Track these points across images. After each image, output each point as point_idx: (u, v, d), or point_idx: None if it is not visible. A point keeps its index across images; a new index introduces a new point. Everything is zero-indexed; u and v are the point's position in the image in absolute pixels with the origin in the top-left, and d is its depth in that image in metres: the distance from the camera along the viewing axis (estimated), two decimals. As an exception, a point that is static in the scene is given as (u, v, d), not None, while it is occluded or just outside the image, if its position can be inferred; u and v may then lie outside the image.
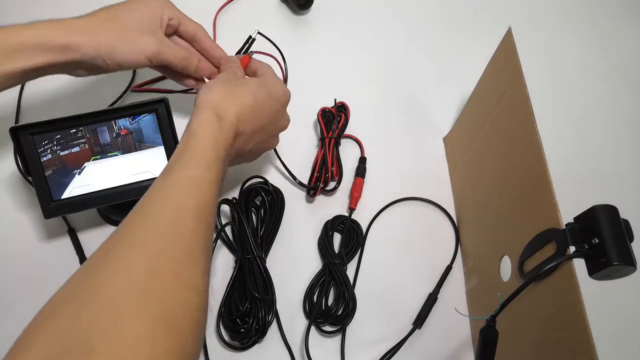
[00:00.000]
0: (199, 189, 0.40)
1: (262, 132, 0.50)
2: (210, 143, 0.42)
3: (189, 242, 0.37)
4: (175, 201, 0.38)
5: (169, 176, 0.40)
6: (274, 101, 0.50)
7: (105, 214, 0.58)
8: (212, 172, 0.42)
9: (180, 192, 0.39)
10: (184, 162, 0.41)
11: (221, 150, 0.43)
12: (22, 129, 0.50)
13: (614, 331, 0.56)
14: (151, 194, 0.39)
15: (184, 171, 0.41)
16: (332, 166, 0.62)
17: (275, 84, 0.51)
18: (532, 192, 0.45)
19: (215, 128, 0.43)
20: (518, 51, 0.48)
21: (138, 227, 0.37)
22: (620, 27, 0.80)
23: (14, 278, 0.55)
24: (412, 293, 0.58)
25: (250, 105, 0.47)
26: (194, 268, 0.37)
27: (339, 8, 0.77)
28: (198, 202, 0.39)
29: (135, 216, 0.38)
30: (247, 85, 0.48)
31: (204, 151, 0.42)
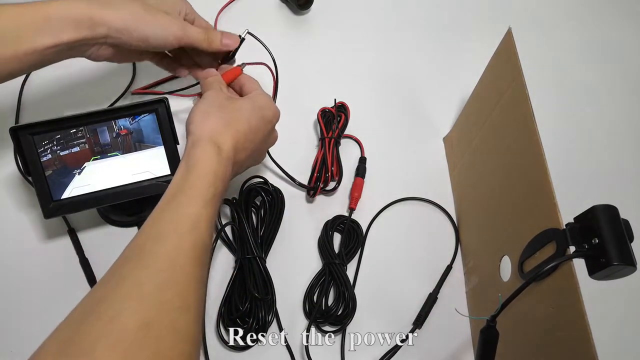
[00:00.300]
0: (197, 229, 0.39)
1: (255, 153, 0.50)
2: (210, 179, 0.42)
3: (185, 289, 0.36)
4: (172, 243, 0.37)
5: (167, 213, 0.39)
6: (266, 123, 0.50)
7: (105, 214, 0.58)
8: (210, 209, 0.41)
9: (178, 232, 0.38)
10: (182, 198, 0.40)
11: (219, 185, 0.42)
12: (22, 129, 0.50)
13: (614, 331, 0.56)
14: (149, 231, 0.38)
15: (182, 208, 0.39)
16: (332, 166, 0.62)
17: (266, 105, 0.50)
18: (532, 192, 0.45)
19: (214, 162, 0.43)
20: (518, 51, 0.49)
21: (133, 270, 0.36)
22: (620, 27, 0.80)
23: (14, 278, 0.55)
24: (412, 293, 0.58)
25: (245, 133, 0.46)
26: (189, 316, 0.36)
27: (339, 8, 0.76)
28: (195, 243, 0.38)
29: (131, 256, 0.37)
30: (241, 110, 0.48)
31: (203, 188, 0.41)
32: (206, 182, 0.41)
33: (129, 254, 0.37)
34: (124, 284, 0.35)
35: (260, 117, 0.48)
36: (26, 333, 0.53)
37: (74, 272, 0.56)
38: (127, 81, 0.67)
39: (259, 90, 0.52)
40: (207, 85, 0.52)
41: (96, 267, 0.56)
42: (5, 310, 0.54)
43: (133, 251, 0.37)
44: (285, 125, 0.59)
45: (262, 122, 0.49)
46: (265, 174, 0.63)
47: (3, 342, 0.52)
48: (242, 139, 0.46)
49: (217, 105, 0.47)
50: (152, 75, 0.68)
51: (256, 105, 0.49)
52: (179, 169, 0.43)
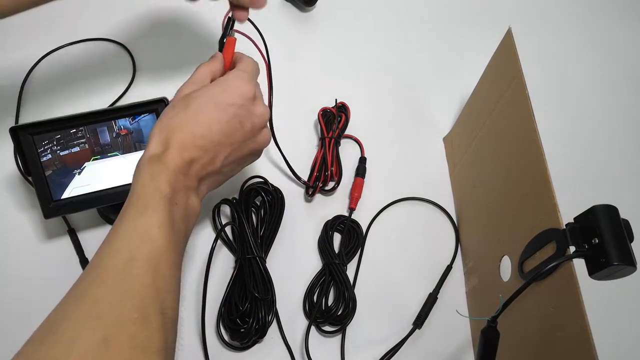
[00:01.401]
0: (148, 238, 0.38)
1: (226, 145, 0.45)
2: (151, 184, 0.40)
3: (143, 301, 0.35)
4: (125, 256, 0.37)
5: (119, 227, 0.39)
6: (223, 110, 0.44)
7: (105, 214, 0.58)
8: (160, 214, 0.39)
9: (130, 245, 0.37)
10: (129, 209, 0.39)
11: (165, 188, 0.40)
12: (22, 129, 0.50)
13: (614, 331, 0.56)
14: (104, 248, 0.38)
15: (130, 220, 0.39)
16: (332, 166, 0.62)
17: (227, 88, 0.45)
18: (532, 192, 0.45)
19: (153, 166, 0.41)
20: (518, 51, 0.49)
21: (90, 287, 0.36)
22: (620, 27, 0.80)
23: (14, 278, 0.55)
24: (412, 293, 0.58)
25: (191, 131, 0.43)
26: (150, 328, 0.35)
27: (341, 9, 0.77)
28: (149, 253, 0.37)
29: (88, 273, 0.37)
30: (188, 106, 0.44)
31: (145, 194, 0.40)
32: (148, 187, 0.40)
33: (87, 272, 0.37)
34: (82, 302, 0.35)
35: (210, 107, 0.44)
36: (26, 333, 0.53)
37: (74, 272, 0.56)
38: (127, 81, 0.67)
39: (235, 72, 0.48)
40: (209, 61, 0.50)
41: (96, 267, 0.56)
42: (5, 311, 0.54)
43: (90, 269, 0.37)
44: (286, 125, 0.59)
45: (215, 110, 0.44)
46: (265, 173, 0.63)
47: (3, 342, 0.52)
48: (189, 139, 0.43)
49: (169, 108, 0.45)
50: (152, 75, 0.68)
51: (207, 94, 0.45)
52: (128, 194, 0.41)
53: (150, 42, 0.70)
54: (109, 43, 0.70)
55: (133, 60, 0.69)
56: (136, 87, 0.67)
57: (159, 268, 0.37)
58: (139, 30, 0.71)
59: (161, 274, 0.37)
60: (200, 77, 0.48)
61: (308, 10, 0.76)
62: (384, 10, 0.78)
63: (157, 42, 0.71)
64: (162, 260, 0.38)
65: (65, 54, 0.69)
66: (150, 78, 0.68)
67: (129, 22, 0.71)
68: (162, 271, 0.38)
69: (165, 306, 0.37)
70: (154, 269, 0.37)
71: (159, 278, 0.37)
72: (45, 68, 0.67)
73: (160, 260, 0.38)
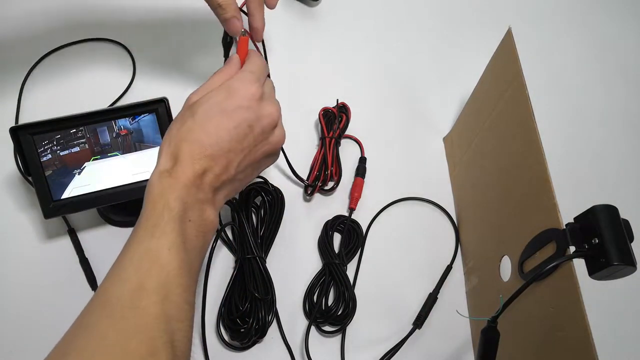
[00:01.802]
0: (158, 263, 0.36)
1: (238, 151, 0.43)
2: (160, 201, 0.38)
3: (151, 334, 0.34)
4: (133, 284, 0.35)
5: (128, 250, 0.37)
6: (230, 116, 0.43)
7: (105, 214, 0.58)
8: (170, 235, 0.37)
9: (139, 272, 0.36)
10: (139, 230, 0.38)
11: (175, 205, 0.38)
12: (22, 129, 0.50)
13: (614, 331, 0.56)
14: (112, 273, 0.37)
15: (139, 243, 0.37)
16: (332, 166, 0.62)
17: (232, 92, 0.43)
18: (532, 192, 0.45)
19: (163, 182, 0.39)
20: (518, 51, 0.49)
21: (97, 320, 0.34)
22: (620, 27, 0.80)
23: (14, 278, 0.55)
24: (412, 293, 0.58)
25: (199, 141, 0.41)
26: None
27: (341, 8, 0.77)
28: (159, 279, 0.36)
29: (96, 303, 0.35)
30: (195, 114, 0.42)
31: (155, 214, 0.38)
32: (158, 206, 0.38)
33: (95, 301, 0.36)
34: (89, 335, 0.34)
35: (217, 113, 0.42)
36: (26, 333, 0.53)
37: (74, 272, 0.56)
38: (127, 81, 0.67)
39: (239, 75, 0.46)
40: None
41: (96, 267, 0.56)
42: (5, 310, 0.54)
43: (98, 297, 0.36)
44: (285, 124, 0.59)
45: (222, 116, 0.42)
46: (266, 174, 0.63)
47: (3, 342, 0.52)
48: (198, 149, 0.41)
49: (177, 119, 0.44)
50: (153, 75, 0.68)
51: (212, 100, 0.43)
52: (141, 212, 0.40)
53: (150, 42, 0.70)
54: (109, 43, 0.70)
55: (133, 60, 0.69)
56: (136, 87, 0.67)
57: (169, 295, 0.36)
58: (139, 30, 0.71)
59: (172, 301, 0.36)
60: (211, 84, 0.46)
61: (314, 5, 0.76)
62: (384, 10, 0.78)
63: (157, 42, 0.71)
64: (174, 285, 0.36)
65: (65, 54, 0.69)
66: (150, 78, 0.68)
67: (129, 22, 0.71)
68: (173, 298, 0.36)
69: (175, 338, 0.35)
70: (163, 297, 0.35)
71: (169, 306, 0.35)
72: (45, 68, 0.68)
73: (171, 286, 0.36)
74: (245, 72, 0.46)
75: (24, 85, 0.65)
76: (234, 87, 0.44)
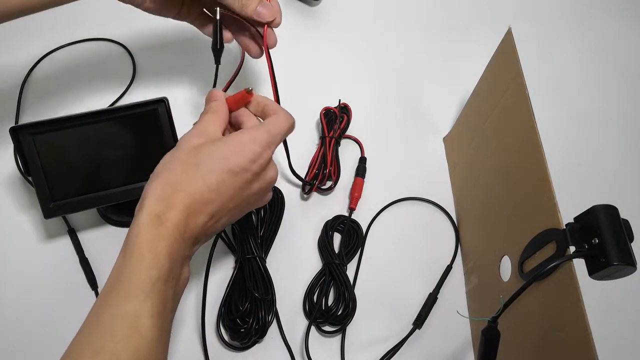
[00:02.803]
0: (137, 332, 0.33)
1: (232, 208, 0.42)
2: (148, 259, 0.35)
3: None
4: (107, 356, 0.32)
5: (105, 311, 0.34)
6: (234, 175, 0.41)
7: (105, 214, 0.58)
8: (154, 299, 0.35)
9: (115, 339, 0.33)
10: (119, 290, 0.35)
11: (165, 264, 0.36)
12: (22, 129, 0.50)
13: (614, 331, 0.56)
14: (87, 333, 0.34)
15: (117, 307, 0.34)
16: (331, 165, 0.62)
17: (234, 152, 0.41)
18: (532, 192, 0.45)
19: (152, 236, 0.36)
20: (518, 51, 0.49)
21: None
22: (619, 27, 0.80)
23: (14, 278, 0.55)
24: (412, 293, 0.58)
25: (200, 194, 0.39)
26: None
27: (343, 9, 0.77)
28: (138, 352, 0.33)
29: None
30: (199, 164, 0.40)
31: (141, 273, 0.35)
32: (145, 265, 0.35)
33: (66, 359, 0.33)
34: None
35: (223, 171, 0.40)
36: (26, 333, 0.53)
37: (74, 272, 0.56)
38: (127, 81, 0.67)
39: (252, 128, 0.44)
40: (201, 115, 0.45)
41: (96, 267, 0.56)
42: (5, 310, 0.54)
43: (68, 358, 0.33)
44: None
45: (227, 175, 0.40)
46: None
47: (3, 342, 0.52)
48: (197, 203, 0.39)
49: (176, 159, 0.41)
50: (153, 75, 0.68)
51: (219, 154, 0.41)
52: (120, 251, 0.37)
53: (150, 42, 0.70)
54: (109, 43, 0.70)
55: (133, 60, 0.69)
56: (136, 87, 0.67)
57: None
58: (139, 30, 0.71)
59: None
60: (209, 128, 0.44)
61: (314, 4, 0.76)
62: (384, 10, 0.78)
63: (157, 42, 0.71)
64: (150, 353, 0.34)
65: (65, 54, 0.69)
66: (150, 78, 0.68)
67: (129, 23, 0.71)
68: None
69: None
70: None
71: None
72: (45, 68, 0.68)
73: (149, 354, 0.34)
74: (263, 132, 0.43)
75: (24, 85, 0.65)
76: (244, 147, 0.42)
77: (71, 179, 0.53)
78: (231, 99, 0.47)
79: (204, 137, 0.42)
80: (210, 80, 0.53)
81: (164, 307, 0.36)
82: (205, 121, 0.44)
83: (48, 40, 0.68)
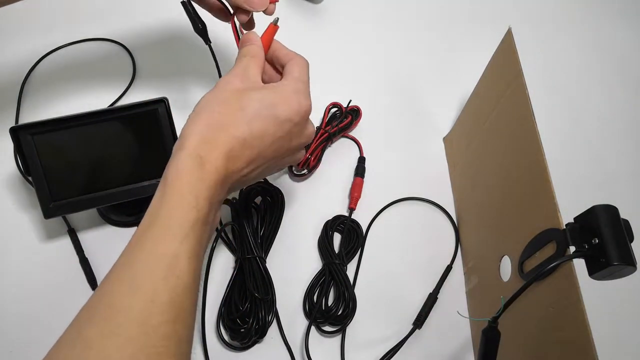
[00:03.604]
0: (174, 273, 0.33)
1: (269, 158, 0.42)
2: (188, 202, 0.34)
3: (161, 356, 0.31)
4: (145, 297, 0.31)
5: (140, 251, 0.33)
6: (280, 123, 0.40)
7: (105, 214, 0.58)
8: (192, 240, 0.34)
9: (152, 280, 0.32)
10: (156, 231, 0.34)
11: (204, 207, 0.35)
12: (22, 129, 0.50)
13: (614, 331, 0.56)
14: (119, 274, 0.33)
15: (156, 246, 0.33)
16: (311, 154, 0.62)
17: (282, 100, 0.41)
18: (532, 192, 0.45)
19: (194, 178, 0.35)
20: (518, 51, 0.49)
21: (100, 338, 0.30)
22: (619, 28, 0.80)
23: (14, 278, 0.55)
24: (412, 293, 0.58)
25: (244, 138, 0.38)
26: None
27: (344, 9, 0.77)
28: (174, 292, 0.32)
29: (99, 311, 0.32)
30: (245, 108, 0.39)
31: (181, 215, 0.34)
32: (184, 206, 0.34)
33: (98, 306, 0.32)
34: (89, 355, 0.30)
35: (269, 117, 0.40)
36: (26, 333, 0.53)
37: (74, 272, 0.56)
38: (127, 81, 0.67)
39: (287, 78, 0.43)
40: (237, 59, 0.44)
41: (96, 267, 0.56)
42: (5, 310, 0.54)
43: (101, 303, 0.32)
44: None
45: (272, 122, 0.40)
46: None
47: (3, 342, 0.52)
48: (239, 146, 0.38)
49: (219, 101, 0.40)
50: (153, 75, 0.68)
51: (266, 101, 0.40)
52: (157, 190, 0.35)
53: (150, 42, 0.70)
54: (109, 43, 0.70)
55: (133, 60, 0.69)
56: (136, 87, 0.67)
57: (182, 313, 0.33)
58: (139, 30, 0.71)
59: (184, 319, 0.33)
60: (251, 72, 0.43)
61: (318, 1, 0.76)
62: (384, 11, 0.78)
63: (157, 42, 0.71)
64: (187, 302, 0.33)
65: (65, 54, 0.69)
66: (150, 78, 0.68)
67: (129, 22, 0.71)
68: (185, 316, 0.33)
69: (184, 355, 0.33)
70: (177, 315, 0.32)
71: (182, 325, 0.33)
72: (45, 68, 0.68)
73: (185, 302, 0.33)
74: (300, 83, 0.43)
75: (24, 85, 0.65)
76: (290, 97, 0.41)
77: (71, 179, 0.53)
78: (264, 38, 0.46)
79: (245, 82, 0.42)
80: (210, 80, 0.53)
81: (200, 252, 0.35)
82: (245, 65, 0.43)
83: (48, 40, 0.68)
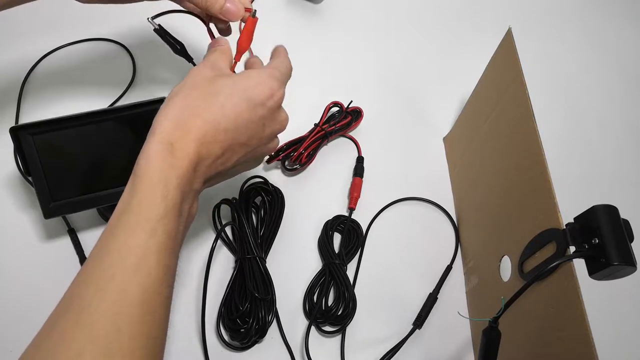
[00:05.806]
0: (145, 265, 0.32)
1: (244, 145, 0.41)
2: (160, 185, 0.34)
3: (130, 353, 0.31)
4: (115, 292, 0.31)
5: (112, 242, 0.33)
6: (253, 107, 0.40)
7: (106, 214, 0.58)
8: (162, 235, 0.33)
9: (123, 274, 0.32)
10: (126, 222, 0.33)
11: (175, 196, 0.34)
12: (22, 129, 0.50)
13: (614, 331, 0.56)
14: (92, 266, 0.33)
15: (125, 238, 0.33)
16: (304, 150, 0.62)
17: (254, 83, 0.41)
18: (532, 192, 0.45)
19: (165, 164, 0.35)
20: (518, 51, 0.49)
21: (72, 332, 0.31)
22: (619, 27, 0.81)
23: (14, 278, 0.55)
24: (412, 293, 0.58)
25: (217, 121, 0.38)
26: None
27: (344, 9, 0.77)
28: (144, 284, 0.32)
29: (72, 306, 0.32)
30: (217, 93, 0.39)
31: (149, 207, 0.33)
32: (154, 196, 0.34)
33: (69, 302, 0.32)
34: (61, 350, 0.30)
35: (242, 100, 0.40)
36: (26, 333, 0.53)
37: (74, 272, 0.55)
38: (127, 81, 0.67)
39: (257, 68, 0.44)
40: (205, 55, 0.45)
41: (96, 267, 0.56)
42: (5, 310, 0.54)
43: (74, 298, 0.32)
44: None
45: (245, 106, 0.40)
46: (265, 173, 0.63)
47: (3, 342, 0.52)
48: (212, 131, 0.38)
49: (190, 87, 0.39)
50: (152, 75, 0.68)
51: (238, 85, 0.40)
52: (130, 177, 0.35)
53: (150, 42, 0.70)
54: (109, 43, 0.70)
55: (133, 60, 0.69)
56: (136, 87, 0.67)
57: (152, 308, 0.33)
58: (139, 30, 0.71)
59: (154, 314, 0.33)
60: (219, 64, 0.43)
61: (318, 1, 0.76)
62: (384, 11, 0.78)
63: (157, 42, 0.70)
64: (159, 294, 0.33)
65: (65, 54, 0.69)
66: (150, 78, 0.68)
67: (129, 23, 0.71)
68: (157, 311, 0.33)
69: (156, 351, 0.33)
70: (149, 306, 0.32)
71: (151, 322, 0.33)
72: (45, 68, 0.68)
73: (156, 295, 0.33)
74: (276, 70, 0.43)
75: (24, 85, 0.65)
76: (264, 81, 0.42)
77: (71, 179, 0.53)
78: (245, 32, 0.47)
79: (215, 71, 0.42)
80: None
81: (171, 244, 0.34)
82: (214, 58, 0.43)
83: (48, 40, 0.68)
